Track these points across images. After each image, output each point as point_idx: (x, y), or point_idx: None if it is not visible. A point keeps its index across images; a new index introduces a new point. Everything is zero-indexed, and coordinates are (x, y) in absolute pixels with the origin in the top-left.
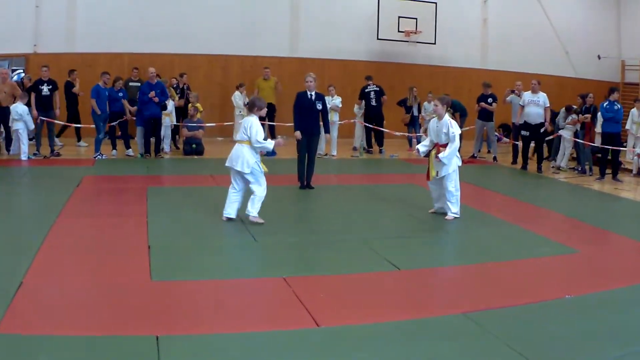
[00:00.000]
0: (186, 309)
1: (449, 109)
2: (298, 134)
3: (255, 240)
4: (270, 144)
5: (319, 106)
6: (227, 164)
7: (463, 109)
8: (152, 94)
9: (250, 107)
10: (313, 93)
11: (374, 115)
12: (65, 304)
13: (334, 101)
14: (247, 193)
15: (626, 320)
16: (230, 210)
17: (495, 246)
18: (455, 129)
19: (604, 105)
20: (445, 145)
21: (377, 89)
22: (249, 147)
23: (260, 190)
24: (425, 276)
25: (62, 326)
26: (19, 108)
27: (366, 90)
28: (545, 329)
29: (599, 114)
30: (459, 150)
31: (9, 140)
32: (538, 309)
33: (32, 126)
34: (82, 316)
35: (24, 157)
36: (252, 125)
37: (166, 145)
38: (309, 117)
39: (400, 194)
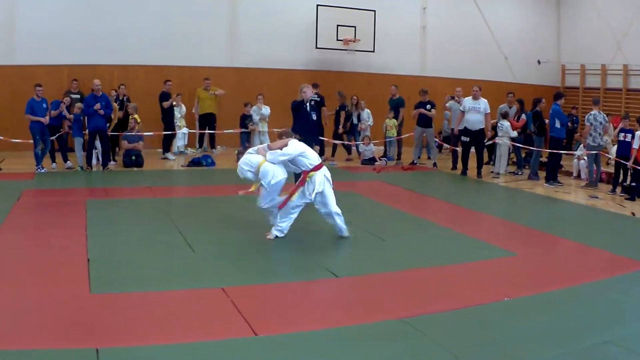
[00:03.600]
0: (126, 321)
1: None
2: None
3: (194, 251)
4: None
5: (314, 116)
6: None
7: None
8: (97, 106)
9: None
10: (308, 104)
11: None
12: (4, 317)
13: (262, 111)
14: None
15: (563, 321)
16: None
17: (435, 251)
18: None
19: (561, 111)
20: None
21: (318, 99)
22: None
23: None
24: (364, 283)
25: (0, 341)
26: None
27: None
28: (484, 332)
29: (556, 119)
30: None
31: None
32: (477, 312)
33: None
34: (21, 330)
35: None
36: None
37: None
38: (305, 125)
39: (340, 201)
